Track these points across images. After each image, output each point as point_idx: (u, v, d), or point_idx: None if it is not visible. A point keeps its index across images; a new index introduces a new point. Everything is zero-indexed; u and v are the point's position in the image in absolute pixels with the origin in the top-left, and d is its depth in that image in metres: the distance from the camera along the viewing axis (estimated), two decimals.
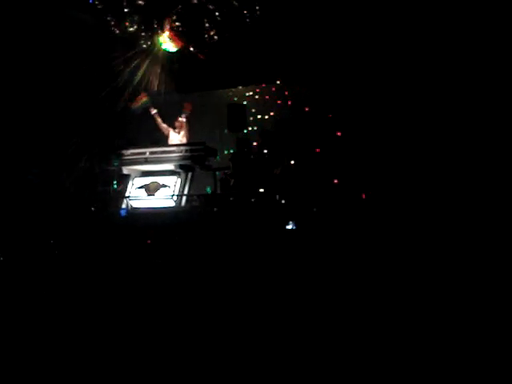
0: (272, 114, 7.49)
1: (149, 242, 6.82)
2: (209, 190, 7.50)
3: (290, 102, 7.41)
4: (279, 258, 6.08)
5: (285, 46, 7.40)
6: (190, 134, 7.57)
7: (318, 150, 6.96)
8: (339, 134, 6.91)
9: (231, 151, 7.53)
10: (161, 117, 7.53)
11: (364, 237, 5.97)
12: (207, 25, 7.48)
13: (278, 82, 7.55)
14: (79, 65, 7.66)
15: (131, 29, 7.60)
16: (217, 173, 7.34)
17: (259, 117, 7.53)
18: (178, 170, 7.33)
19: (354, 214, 6.30)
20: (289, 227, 6.56)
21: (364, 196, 6.55)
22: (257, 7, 7.33)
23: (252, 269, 6.01)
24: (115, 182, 7.41)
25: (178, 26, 7.48)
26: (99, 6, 7.58)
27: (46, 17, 7.96)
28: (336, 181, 6.78)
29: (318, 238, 6.17)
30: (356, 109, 6.96)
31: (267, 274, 5.88)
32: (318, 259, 5.88)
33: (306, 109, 7.21)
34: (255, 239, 6.35)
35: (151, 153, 7.39)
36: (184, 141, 7.56)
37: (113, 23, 7.61)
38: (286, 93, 7.54)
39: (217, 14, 7.44)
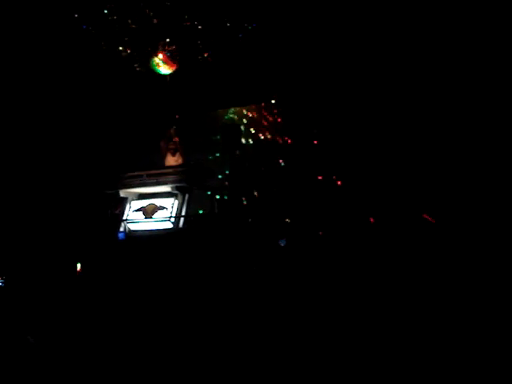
0: (267, 132, 7.49)
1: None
2: None
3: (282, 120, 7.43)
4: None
5: (278, 63, 7.45)
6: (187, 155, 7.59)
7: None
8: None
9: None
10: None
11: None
12: (200, 46, 7.53)
13: (273, 101, 7.58)
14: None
15: (124, 53, 7.65)
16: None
17: (258, 136, 7.54)
18: (175, 192, 7.31)
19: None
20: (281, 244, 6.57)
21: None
22: (249, 27, 7.37)
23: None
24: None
25: (171, 49, 7.53)
26: (93, 31, 7.64)
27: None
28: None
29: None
30: (352, 121, 6.97)
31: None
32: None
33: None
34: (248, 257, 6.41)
35: (148, 175, 7.38)
36: (180, 162, 7.56)
37: (106, 48, 7.68)
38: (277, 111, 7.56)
39: (209, 34, 7.51)
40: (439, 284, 5.51)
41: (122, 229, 7.33)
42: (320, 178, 6.82)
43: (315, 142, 6.96)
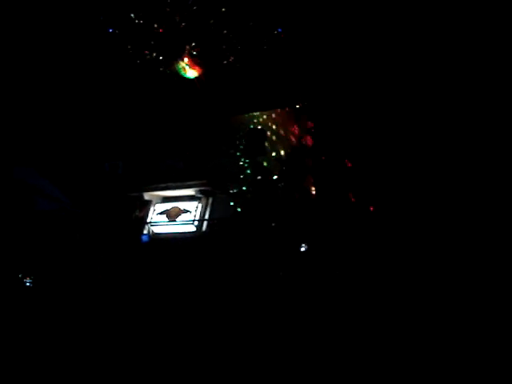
0: (293, 139, 7.49)
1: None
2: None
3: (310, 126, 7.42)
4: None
5: (303, 69, 7.44)
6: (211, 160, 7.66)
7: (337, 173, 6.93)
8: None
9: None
10: None
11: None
12: (226, 51, 7.55)
13: (298, 107, 7.56)
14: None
15: (149, 56, 7.70)
16: None
17: (282, 141, 7.56)
18: (199, 195, 7.38)
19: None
20: (302, 249, 6.58)
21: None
22: (275, 31, 7.37)
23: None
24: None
25: (196, 53, 7.56)
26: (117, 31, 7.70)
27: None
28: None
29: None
30: (376, 131, 6.92)
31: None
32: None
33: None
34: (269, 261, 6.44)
35: (172, 179, 7.47)
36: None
37: (132, 51, 7.74)
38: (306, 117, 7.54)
39: (234, 39, 7.52)
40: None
41: (145, 231, 7.44)
42: (343, 183, 6.80)
43: (339, 148, 6.94)
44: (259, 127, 7.66)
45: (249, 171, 7.36)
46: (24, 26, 7.90)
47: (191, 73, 7.57)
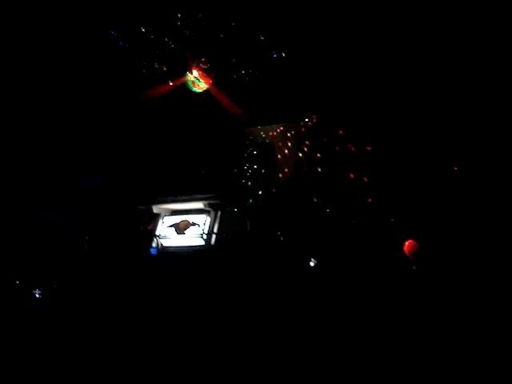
0: (302, 152, 7.50)
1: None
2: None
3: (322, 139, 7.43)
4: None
5: (313, 83, 7.45)
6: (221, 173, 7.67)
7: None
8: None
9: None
10: None
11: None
12: (235, 64, 7.59)
13: (307, 120, 7.58)
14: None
15: (160, 70, 7.75)
16: None
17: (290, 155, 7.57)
18: (208, 209, 7.35)
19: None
20: (311, 264, 6.53)
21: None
22: (284, 46, 7.41)
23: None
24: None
25: (206, 66, 7.61)
26: (127, 45, 7.76)
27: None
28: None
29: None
30: (387, 143, 6.90)
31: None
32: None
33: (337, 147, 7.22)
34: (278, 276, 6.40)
35: (181, 192, 7.45)
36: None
37: (144, 64, 7.79)
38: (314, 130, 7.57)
39: (244, 52, 7.57)
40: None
41: (154, 244, 7.41)
42: (354, 197, 6.78)
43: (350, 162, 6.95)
44: (269, 140, 7.68)
45: (258, 184, 7.37)
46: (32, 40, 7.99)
47: (201, 86, 7.61)
